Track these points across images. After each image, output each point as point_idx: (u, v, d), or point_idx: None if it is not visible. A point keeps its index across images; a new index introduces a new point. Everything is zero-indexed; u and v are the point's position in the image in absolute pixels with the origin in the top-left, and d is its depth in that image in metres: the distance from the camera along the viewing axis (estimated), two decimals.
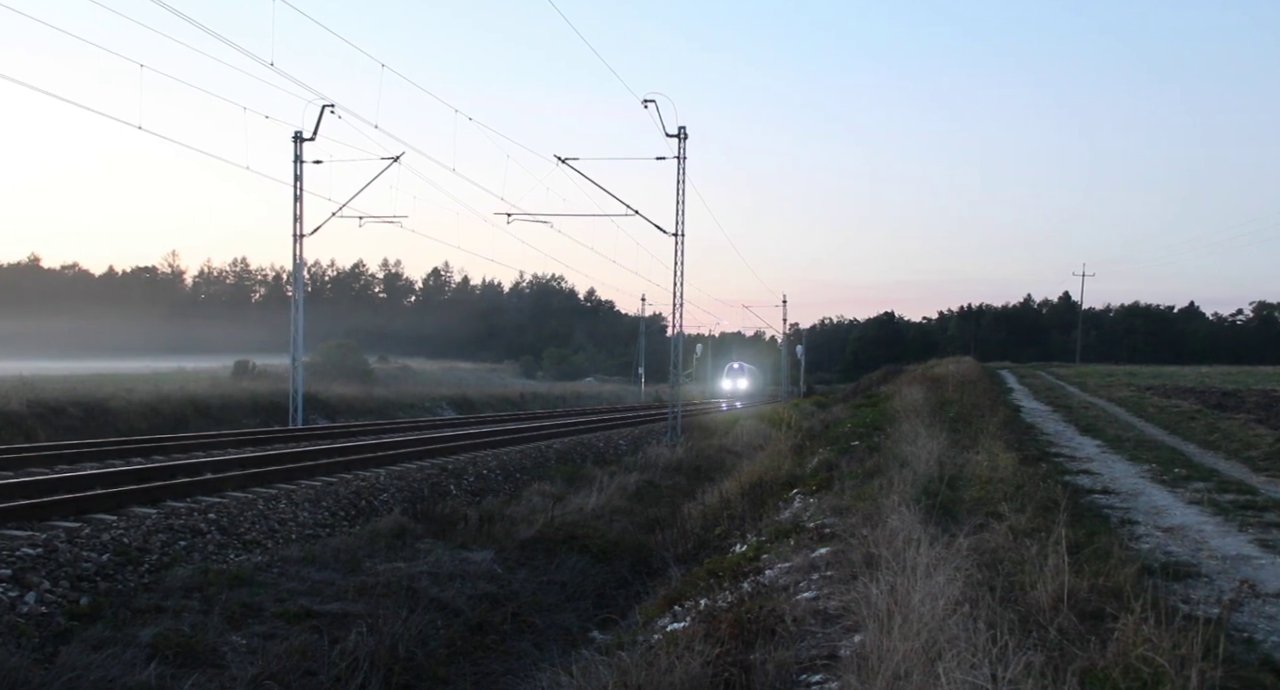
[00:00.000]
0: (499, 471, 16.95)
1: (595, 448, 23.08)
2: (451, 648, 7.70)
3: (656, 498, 15.58)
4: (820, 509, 9.90)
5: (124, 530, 8.76)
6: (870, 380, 54.57)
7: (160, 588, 7.64)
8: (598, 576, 10.91)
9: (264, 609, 7.48)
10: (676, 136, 25.95)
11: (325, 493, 12.09)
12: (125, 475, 11.83)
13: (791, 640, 5.02)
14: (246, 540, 9.66)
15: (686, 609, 7.07)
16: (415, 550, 10.03)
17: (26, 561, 7.34)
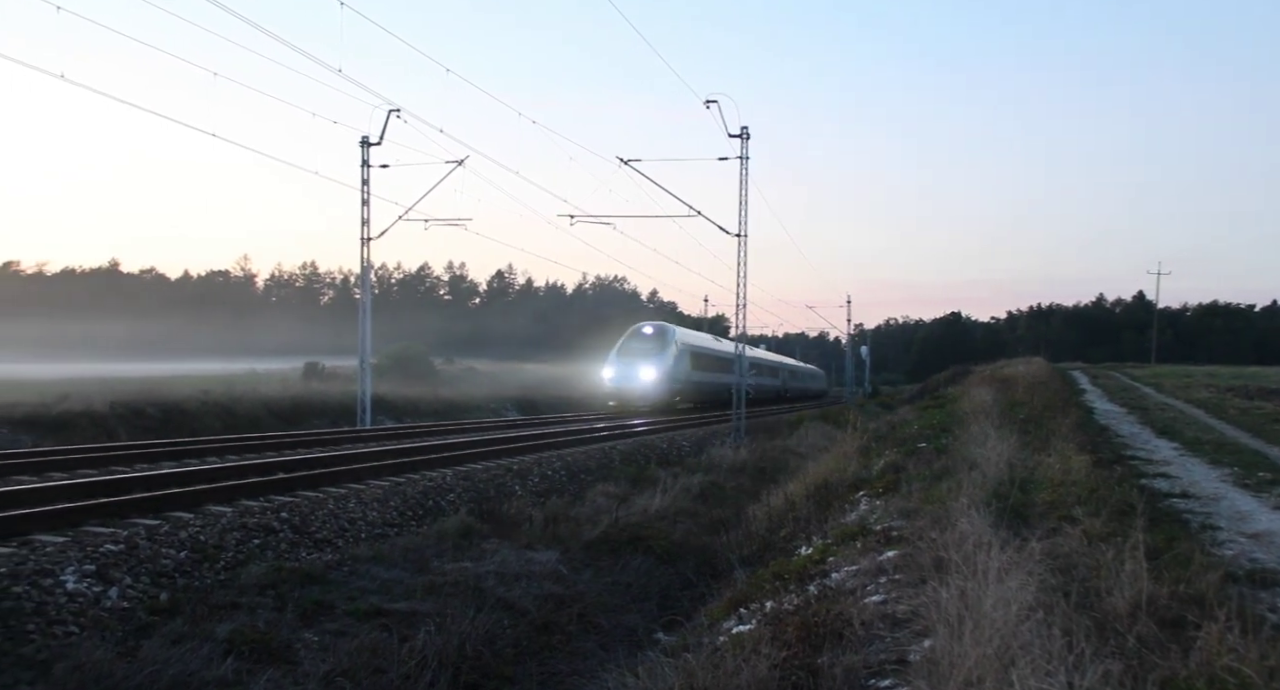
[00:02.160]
0: (563, 472, 17.04)
1: (659, 449, 23.08)
2: (518, 647, 7.75)
3: (720, 499, 15.53)
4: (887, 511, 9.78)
5: (200, 528, 8.98)
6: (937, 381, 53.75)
7: (235, 585, 7.82)
8: (662, 578, 10.91)
9: (335, 607, 7.61)
10: (739, 137, 25.87)
11: (393, 493, 12.27)
12: (200, 474, 12.14)
13: (860, 644, 4.96)
14: (317, 539, 9.84)
15: (752, 611, 7.03)
16: (481, 550, 10.12)
17: (109, 557, 7.57)
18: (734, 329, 44.88)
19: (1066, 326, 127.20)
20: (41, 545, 7.78)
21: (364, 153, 26.26)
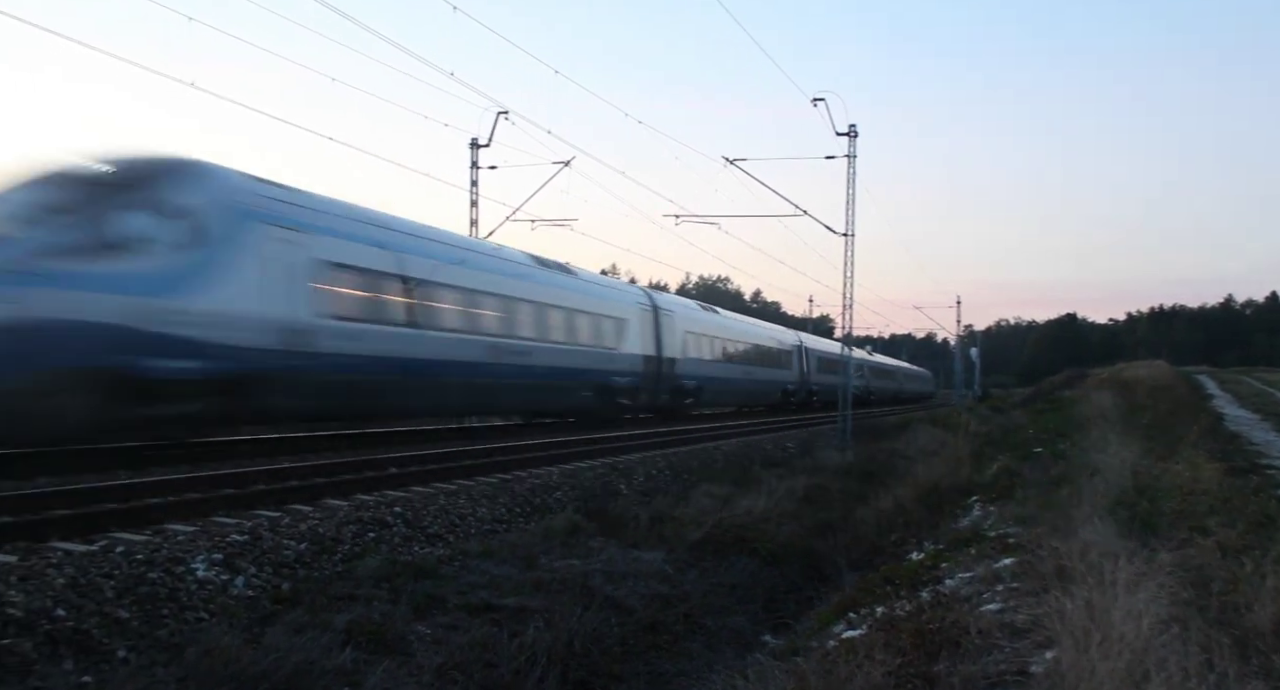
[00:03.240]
0: (668, 472, 17.06)
1: (763, 449, 22.91)
2: (625, 646, 7.78)
3: (826, 502, 15.32)
4: (1002, 517, 9.51)
5: (319, 521, 9.27)
6: (1051, 384, 52.06)
7: (352, 577, 8.04)
8: (768, 580, 10.82)
9: (447, 601, 7.75)
10: (846, 134, 25.50)
11: (502, 489, 12.46)
12: (318, 469, 12.54)
13: (978, 653, 4.82)
14: (429, 534, 10.06)
15: (862, 616, 6.92)
16: (588, 548, 10.19)
17: (235, 547, 7.88)
18: (839, 329, 42.85)
19: (1191, 328, 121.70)
20: (174, 534, 8.14)
21: (473, 155, 26.78)
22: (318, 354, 13.68)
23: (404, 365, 16.02)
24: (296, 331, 13.31)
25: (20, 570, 6.42)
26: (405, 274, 16.34)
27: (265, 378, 12.73)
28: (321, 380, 13.93)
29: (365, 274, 15.18)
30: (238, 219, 12.65)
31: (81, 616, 6.01)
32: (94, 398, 10.44)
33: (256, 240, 12.80)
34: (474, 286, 18.73)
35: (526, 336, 20.57)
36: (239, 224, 12.64)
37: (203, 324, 11.73)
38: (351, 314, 14.77)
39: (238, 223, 12.63)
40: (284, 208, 13.72)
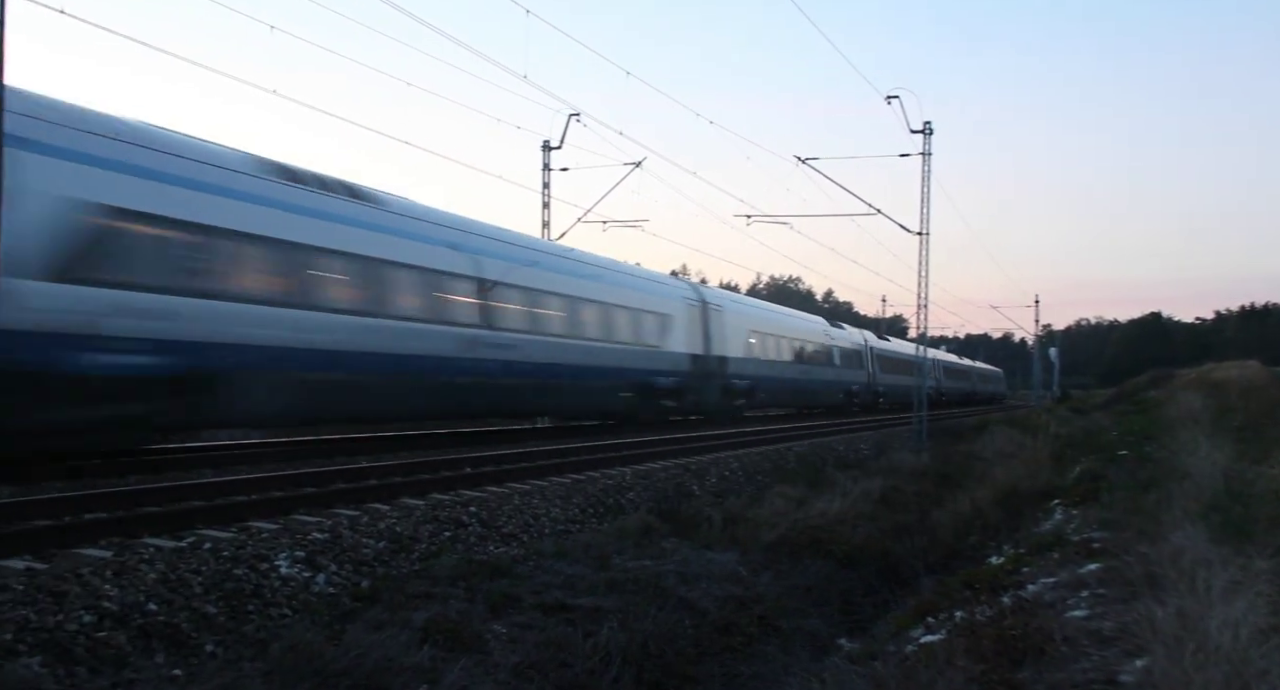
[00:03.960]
0: (740, 473, 16.99)
1: (836, 451, 22.68)
2: (699, 647, 7.76)
3: (902, 504, 15.10)
4: (1085, 522, 9.27)
5: (396, 520, 9.42)
6: (1135, 385, 50.64)
7: (429, 575, 8.15)
8: (843, 583, 10.70)
9: (522, 600, 7.81)
10: (921, 132, 25.14)
11: (575, 489, 12.53)
12: (395, 468, 12.75)
13: (1063, 661, 4.70)
14: (504, 533, 10.15)
15: (941, 621, 6.80)
16: (661, 549, 10.19)
17: (316, 545, 8.05)
18: (913, 329, 42.08)
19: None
20: (258, 531, 8.35)
21: (545, 157, 27.02)
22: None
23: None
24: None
25: (114, 565, 6.64)
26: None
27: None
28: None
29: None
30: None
31: (172, 611, 6.19)
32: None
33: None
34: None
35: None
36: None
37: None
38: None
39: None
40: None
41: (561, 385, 19.93)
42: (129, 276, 11.31)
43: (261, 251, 13.26)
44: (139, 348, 11.32)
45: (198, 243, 12.29)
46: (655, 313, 24.06)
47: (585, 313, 20.87)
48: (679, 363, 25.03)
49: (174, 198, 11.98)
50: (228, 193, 12.78)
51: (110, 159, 11.22)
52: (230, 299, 12.64)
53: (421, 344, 15.81)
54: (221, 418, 13.79)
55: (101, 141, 11.09)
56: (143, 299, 11.41)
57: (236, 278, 12.89)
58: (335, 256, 14.45)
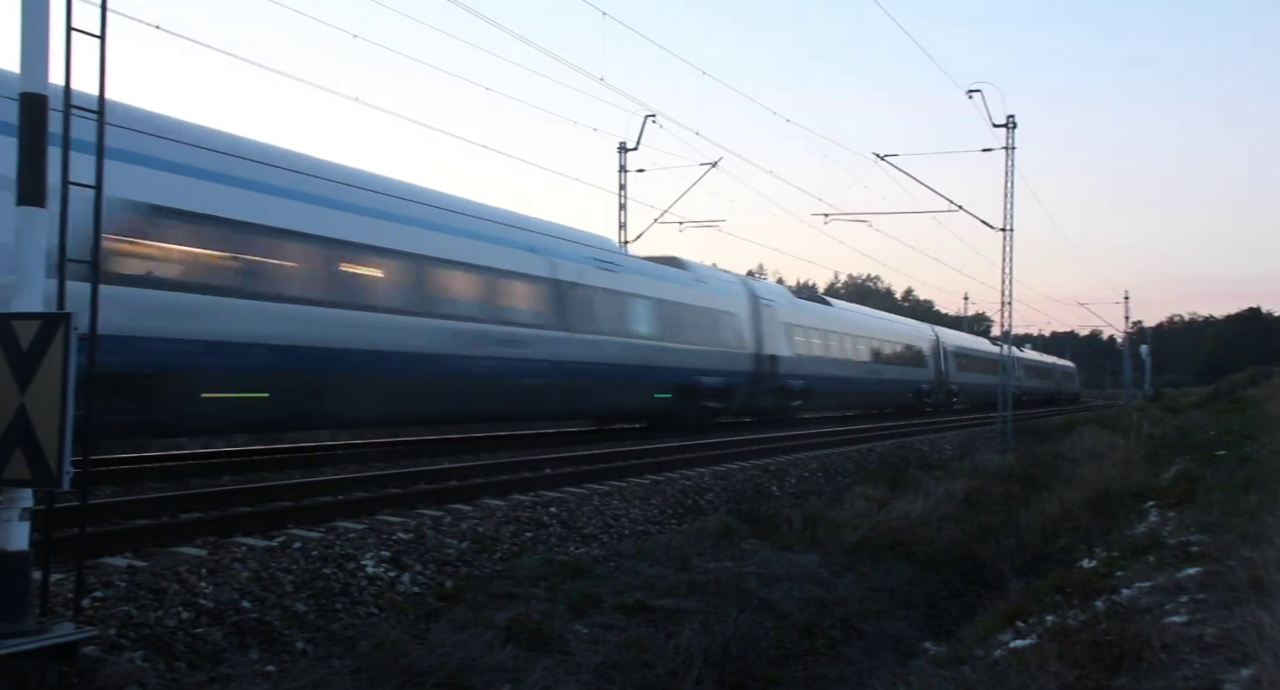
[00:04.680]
0: (820, 473, 16.84)
1: (919, 451, 22.32)
2: (781, 649, 7.68)
3: (987, 505, 14.78)
4: (1183, 524, 8.95)
5: (479, 520, 9.54)
6: (1232, 383, 48.83)
7: (510, 575, 8.23)
8: (927, 585, 10.51)
9: (602, 600, 7.84)
10: (1004, 126, 24.64)
11: (654, 490, 12.54)
12: (476, 469, 12.92)
13: (1162, 669, 4.53)
14: (584, 534, 10.20)
15: (1030, 625, 6.63)
16: (741, 550, 10.14)
17: (401, 545, 8.19)
18: (997, 327, 41.04)
19: None
20: (344, 531, 8.53)
21: (621, 158, 27.16)
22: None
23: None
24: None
25: (210, 563, 6.84)
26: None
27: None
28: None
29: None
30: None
31: (264, 608, 6.36)
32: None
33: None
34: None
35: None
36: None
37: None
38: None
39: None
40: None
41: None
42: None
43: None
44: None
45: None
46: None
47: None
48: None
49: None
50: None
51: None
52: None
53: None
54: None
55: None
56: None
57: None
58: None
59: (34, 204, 4.47)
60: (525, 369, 16.94)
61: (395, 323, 14.29)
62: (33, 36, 4.38)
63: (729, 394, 23.84)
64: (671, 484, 13.22)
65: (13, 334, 4.31)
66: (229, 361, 11.74)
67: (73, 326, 4.31)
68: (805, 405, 28.79)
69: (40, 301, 4.44)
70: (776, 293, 28.58)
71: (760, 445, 19.07)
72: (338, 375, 13.20)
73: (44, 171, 4.50)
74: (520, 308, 17.13)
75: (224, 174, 12.09)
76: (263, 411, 12.50)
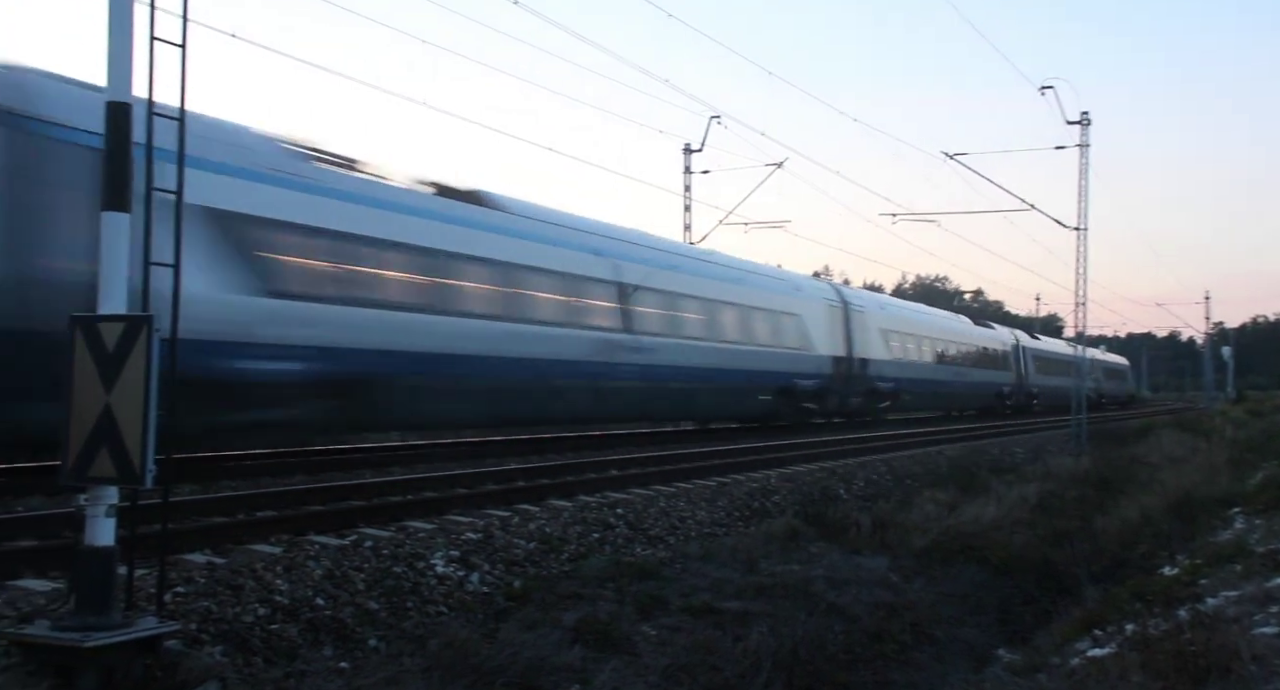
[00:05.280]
0: (888, 476, 16.64)
1: (989, 454, 21.92)
2: (850, 654, 7.60)
3: (1060, 510, 14.46)
4: (1271, 531, 8.66)
5: (545, 521, 9.59)
6: None
7: (578, 576, 8.25)
8: (1000, 591, 10.32)
9: (669, 602, 7.82)
10: (1078, 123, 24.16)
11: (720, 492, 12.49)
12: (543, 470, 13.00)
13: (1252, 681, 4.38)
14: (650, 535, 10.20)
15: (1110, 634, 6.46)
16: (809, 553, 10.05)
17: (470, 545, 8.27)
18: (1070, 329, 40.35)
19: None
20: (414, 531, 8.63)
21: (686, 160, 27.16)
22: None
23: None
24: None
25: (284, 561, 6.97)
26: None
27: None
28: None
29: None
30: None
31: (337, 606, 6.46)
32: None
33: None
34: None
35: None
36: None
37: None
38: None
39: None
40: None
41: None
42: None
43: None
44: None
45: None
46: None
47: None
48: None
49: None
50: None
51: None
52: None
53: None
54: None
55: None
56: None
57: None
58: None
59: (118, 209, 4.61)
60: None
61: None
62: (118, 47, 4.52)
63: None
64: (738, 486, 13.16)
65: (98, 336, 4.44)
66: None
67: (154, 328, 4.43)
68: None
69: (124, 304, 4.57)
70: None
71: (827, 448, 18.90)
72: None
73: (129, 178, 4.64)
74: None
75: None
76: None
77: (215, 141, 10.86)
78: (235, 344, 10.98)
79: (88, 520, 4.47)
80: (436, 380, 13.81)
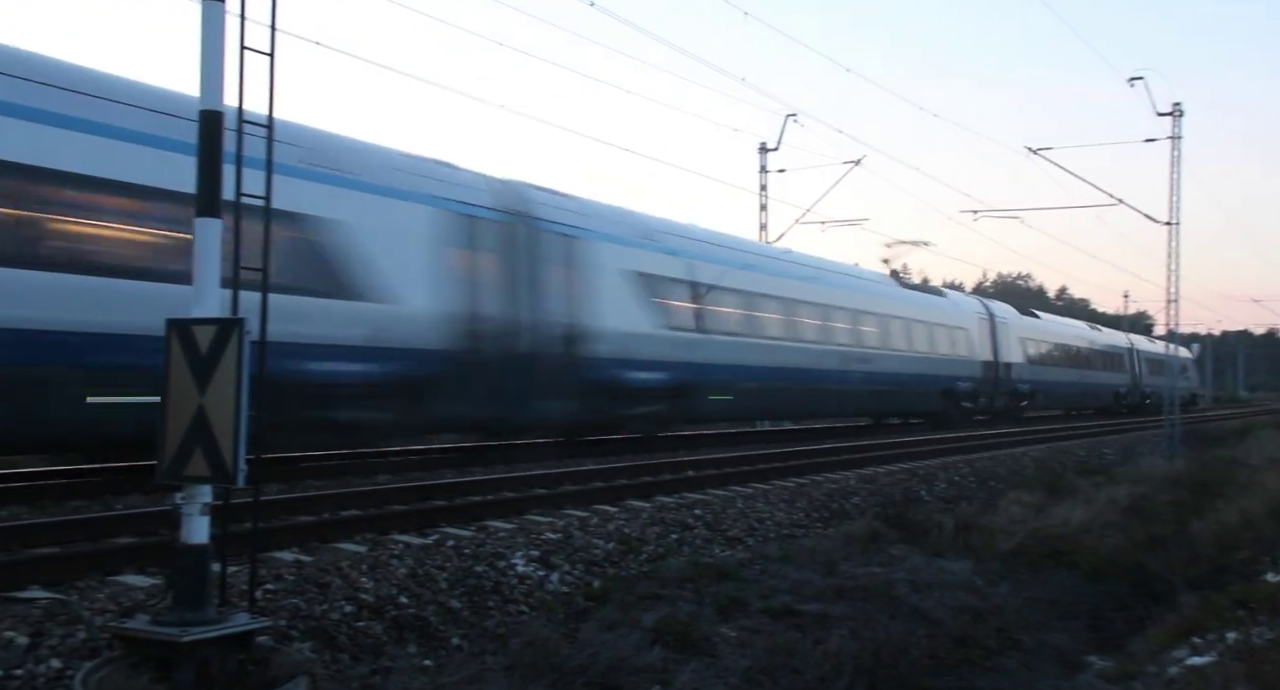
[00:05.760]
0: (971, 478, 16.30)
1: (1076, 456, 21.35)
2: (934, 659, 7.45)
3: (1153, 514, 14.00)
4: None
5: (624, 521, 9.61)
6: None
7: (657, 577, 8.25)
8: (1090, 596, 10.03)
9: (749, 604, 7.77)
10: (1169, 114, 23.38)
11: (798, 493, 12.38)
12: (620, 471, 13.03)
13: None
14: (729, 536, 10.15)
15: (1209, 642, 6.24)
16: (889, 556, 9.89)
17: (550, 545, 8.32)
18: (1160, 326, 39.79)
19: None
20: (495, 530, 8.73)
21: (761, 159, 27.04)
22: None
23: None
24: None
25: (369, 560, 7.10)
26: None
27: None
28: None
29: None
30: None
31: (421, 604, 6.56)
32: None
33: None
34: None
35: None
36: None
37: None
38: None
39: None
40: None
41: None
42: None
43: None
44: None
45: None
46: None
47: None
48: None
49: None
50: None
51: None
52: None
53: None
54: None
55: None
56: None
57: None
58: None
59: (210, 215, 4.73)
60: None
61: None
62: (210, 57, 4.65)
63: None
64: (816, 487, 13.02)
65: (192, 338, 4.57)
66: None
67: (245, 331, 4.54)
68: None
69: (217, 307, 4.70)
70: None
71: (907, 448, 18.61)
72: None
73: (219, 185, 4.76)
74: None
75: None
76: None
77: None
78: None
79: (183, 518, 4.60)
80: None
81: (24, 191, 8.99)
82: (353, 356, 11.73)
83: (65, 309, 9.02)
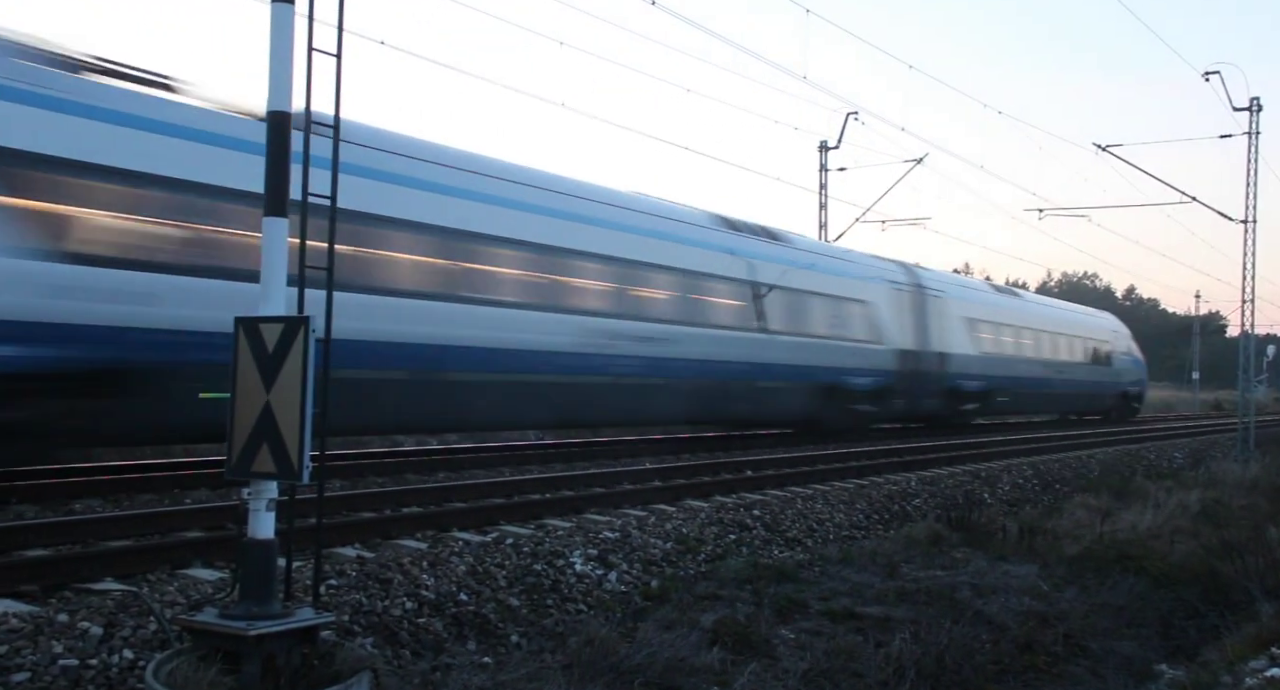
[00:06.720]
0: (1035, 481, 16.00)
1: (1145, 459, 20.84)
2: (998, 664, 7.31)
3: (1227, 519, 13.61)
4: None
5: (682, 521, 9.58)
6: None
7: (715, 577, 8.21)
8: (1160, 603, 9.76)
9: (808, 606, 7.70)
10: (1247, 110, 22.72)
11: (858, 495, 12.24)
12: (678, 470, 13.01)
13: None
14: (788, 537, 10.08)
15: None
16: (952, 559, 9.74)
17: (608, 544, 8.33)
18: (1235, 327, 37.61)
19: None
20: (553, 529, 8.76)
21: (822, 157, 26.85)
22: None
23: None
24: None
25: (430, 557, 7.16)
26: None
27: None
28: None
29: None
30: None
31: (480, 602, 6.60)
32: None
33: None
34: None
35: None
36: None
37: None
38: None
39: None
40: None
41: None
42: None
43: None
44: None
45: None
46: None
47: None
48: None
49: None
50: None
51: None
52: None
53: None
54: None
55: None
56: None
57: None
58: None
59: (278, 215, 4.81)
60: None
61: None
62: (279, 58, 4.72)
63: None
64: (876, 488, 12.87)
65: (260, 336, 4.65)
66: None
67: (311, 329, 4.60)
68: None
69: (283, 306, 4.77)
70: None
71: (971, 450, 18.34)
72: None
73: (287, 185, 4.84)
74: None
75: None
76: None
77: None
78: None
79: (250, 514, 4.68)
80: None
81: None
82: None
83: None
